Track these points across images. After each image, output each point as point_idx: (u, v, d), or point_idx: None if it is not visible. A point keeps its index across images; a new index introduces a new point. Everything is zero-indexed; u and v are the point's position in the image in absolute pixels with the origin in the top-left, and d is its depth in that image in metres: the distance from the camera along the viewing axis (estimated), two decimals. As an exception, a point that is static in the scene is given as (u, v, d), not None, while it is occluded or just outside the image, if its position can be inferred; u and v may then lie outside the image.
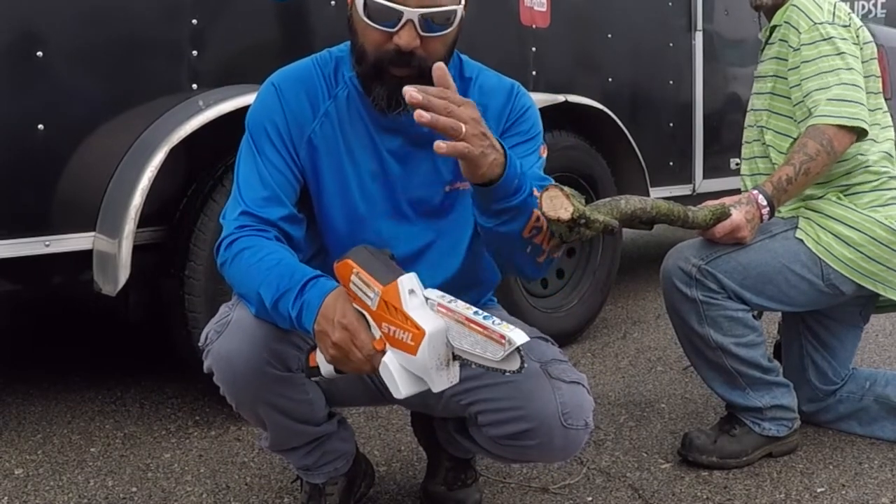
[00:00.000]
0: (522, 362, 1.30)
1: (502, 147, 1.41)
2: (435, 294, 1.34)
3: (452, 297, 1.34)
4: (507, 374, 1.32)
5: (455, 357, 1.33)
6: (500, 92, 1.69)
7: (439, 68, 1.36)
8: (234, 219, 1.57)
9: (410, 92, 1.31)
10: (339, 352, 1.38)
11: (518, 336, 1.27)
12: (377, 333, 1.35)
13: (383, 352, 1.35)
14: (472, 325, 1.30)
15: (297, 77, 1.65)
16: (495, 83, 1.70)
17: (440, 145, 1.32)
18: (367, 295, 1.35)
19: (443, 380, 1.33)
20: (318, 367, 1.46)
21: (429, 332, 1.29)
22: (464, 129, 1.32)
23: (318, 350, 1.46)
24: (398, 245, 1.63)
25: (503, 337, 1.27)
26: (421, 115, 1.30)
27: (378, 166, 1.64)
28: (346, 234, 1.63)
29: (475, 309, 1.32)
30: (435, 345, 1.30)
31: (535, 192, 1.48)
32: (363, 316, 1.37)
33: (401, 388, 1.33)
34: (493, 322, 1.29)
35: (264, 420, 1.68)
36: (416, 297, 1.32)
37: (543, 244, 1.53)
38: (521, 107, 1.69)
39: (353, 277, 1.37)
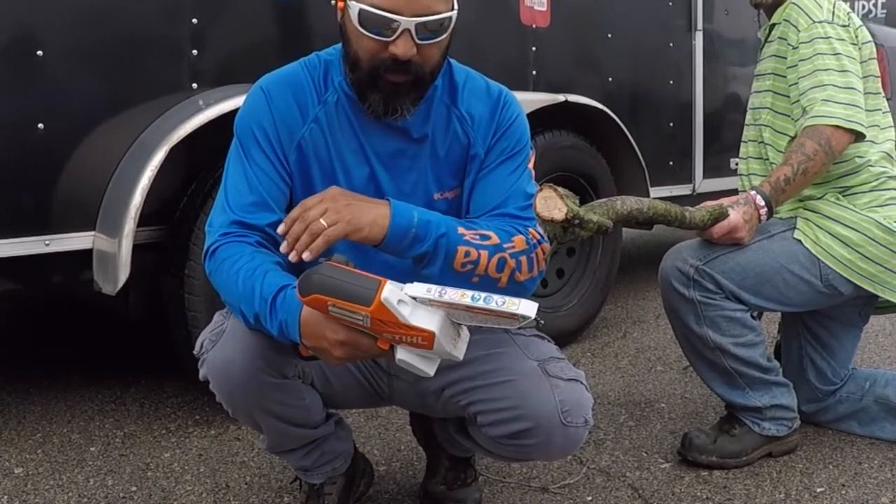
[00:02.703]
0: (540, 321, 1.32)
1: (388, 201, 1.47)
2: (420, 291, 1.32)
3: (439, 288, 1.32)
4: (521, 328, 1.36)
5: (461, 323, 1.37)
6: (488, 101, 1.67)
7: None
8: (219, 226, 1.55)
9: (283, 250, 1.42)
10: (345, 360, 1.42)
11: (528, 308, 1.28)
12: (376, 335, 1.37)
13: (392, 347, 1.36)
14: (474, 310, 1.30)
15: (286, 81, 1.63)
16: (483, 91, 1.68)
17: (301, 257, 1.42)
18: (355, 318, 1.32)
19: (461, 348, 1.37)
20: (313, 356, 1.45)
21: (437, 330, 1.31)
22: (324, 223, 1.40)
23: None
24: None
25: (514, 315, 1.29)
26: (293, 255, 1.40)
27: (369, 173, 1.63)
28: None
29: (470, 294, 1.30)
30: (446, 334, 1.33)
31: (460, 230, 1.50)
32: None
33: (427, 371, 1.37)
34: (496, 304, 1.29)
35: (261, 425, 1.68)
36: (405, 305, 1.30)
37: (492, 273, 1.52)
38: (508, 119, 1.66)
39: (330, 308, 1.33)
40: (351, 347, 1.37)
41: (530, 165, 1.68)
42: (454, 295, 1.30)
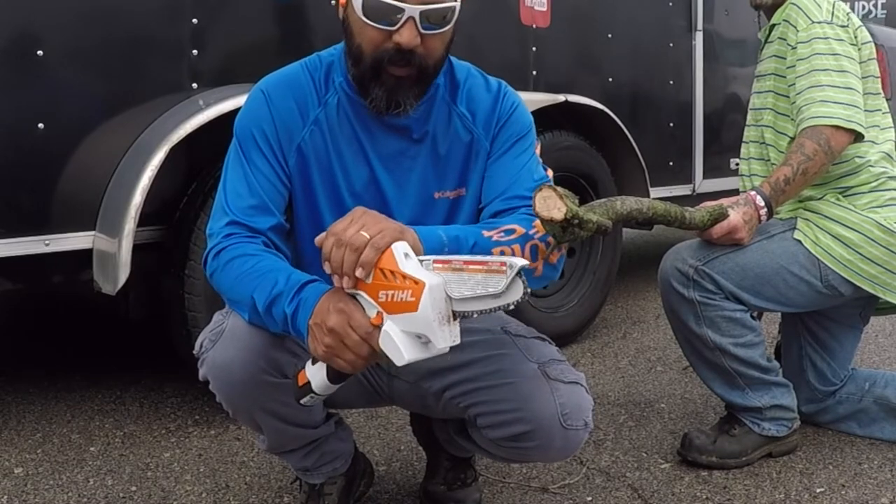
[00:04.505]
0: (526, 287, 1.30)
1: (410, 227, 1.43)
2: (429, 256, 1.36)
3: (445, 255, 1.37)
4: (512, 306, 1.31)
5: (455, 316, 1.34)
6: (488, 97, 1.67)
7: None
8: (221, 228, 1.55)
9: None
10: (335, 337, 1.35)
11: (517, 259, 1.29)
12: (372, 312, 1.35)
13: (380, 328, 1.35)
14: (470, 265, 1.31)
15: (287, 83, 1.62)
16: (482, 88, 1.68)
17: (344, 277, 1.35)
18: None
19: (445, 336, 1.33)
20: (308, 384, 1.45)
21: (428, 283, 1.30)
22: (366, 234, 1.33)
23: (307, 366, 1.45)
24: None
25: (503, 264, 1.29)
26: (346, 282, 1.34)
27: (369, 174, 1.62)
28: None
29: (472, 256, 1.35)
30: (435, 297, 1.30)
31: (485, 233, 1.50)
32: (357, 301, 1.37)
33: (404, 353, 1.33)
34: (490, 257, 1.33)
35: (261, 426, 1.67)
36: (410, 259, 1.33)
37: (531, 265, 1.50)
38: (509, 108, 1.67)
39: None
40: (346, 316, 1.34)
41: (537, 152, 1.68)
42: (455, 256, 1.35)
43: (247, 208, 1.55)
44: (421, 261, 1.34)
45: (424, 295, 1.29)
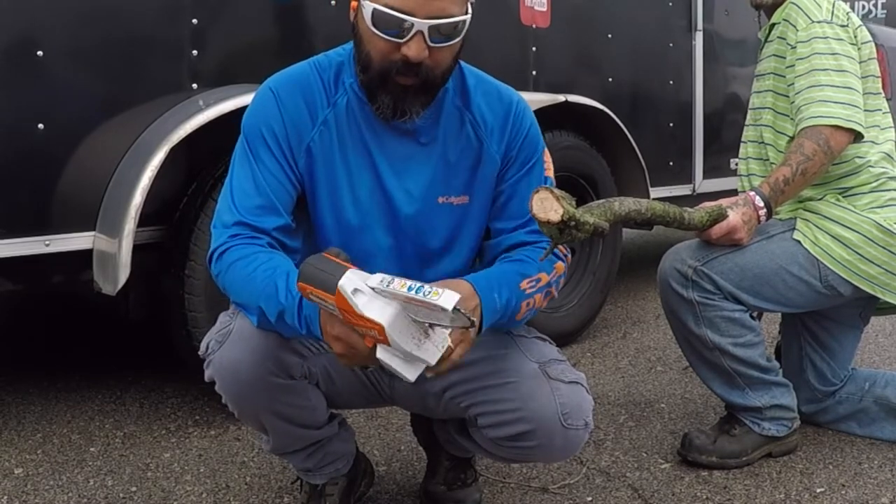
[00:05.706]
0: (470, 319, 1.28)
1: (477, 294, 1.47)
2: (375, 280, 1.30)
3: (390, 278, 1.30)
4: (467, 329, 1.34)
5: (431, 326, 1.32)
6: (500, 106, 1.67)
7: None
8: (226, 227, 1.54)
9: None
10: (346, 359, 1.40)
11: (446, 300, 1.24)
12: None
13: (374, 347, 1.34)
14: (413, 301, 1.27)
15: (296, 83, 1.61)
16: (494, 96, 1.67)
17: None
18: (328, 307, 1.33)
19: (430, 350, 1.32)
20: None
21: (386, 323, 1.27)
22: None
23: None
24: (397, 255, 1.64)
25: (436, 306, 1.25)
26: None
27: (374, 177, 1.62)
28: (337, 244, 1.59)
29: (409, 283, 1.28)
30: (399, 329, 1.28)
31: (522, 285, 1.54)
32: None
33: (405, 374, 1.33)
34: (423, 294, 1.26)
35: (267, 427, 1.68)
36: (361, 294, 1.28)
37: (539, 306, 1.60)
38: (527, 124, 1.67)
39: (311, 297, 1.34)
40: (345, 344, 1.36)
41: (550, 173, 1.69)
42: (397, 285, 1.28)
43: (253, 208, 1.55)
44: (373, 288, 1.29)
45: (388, 334, 1.27)
